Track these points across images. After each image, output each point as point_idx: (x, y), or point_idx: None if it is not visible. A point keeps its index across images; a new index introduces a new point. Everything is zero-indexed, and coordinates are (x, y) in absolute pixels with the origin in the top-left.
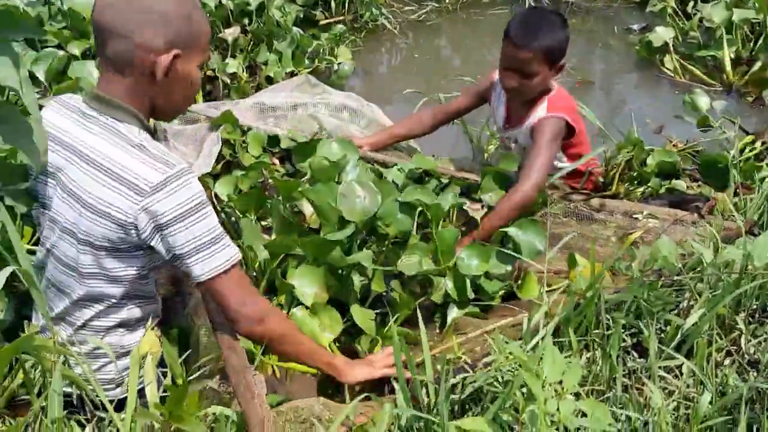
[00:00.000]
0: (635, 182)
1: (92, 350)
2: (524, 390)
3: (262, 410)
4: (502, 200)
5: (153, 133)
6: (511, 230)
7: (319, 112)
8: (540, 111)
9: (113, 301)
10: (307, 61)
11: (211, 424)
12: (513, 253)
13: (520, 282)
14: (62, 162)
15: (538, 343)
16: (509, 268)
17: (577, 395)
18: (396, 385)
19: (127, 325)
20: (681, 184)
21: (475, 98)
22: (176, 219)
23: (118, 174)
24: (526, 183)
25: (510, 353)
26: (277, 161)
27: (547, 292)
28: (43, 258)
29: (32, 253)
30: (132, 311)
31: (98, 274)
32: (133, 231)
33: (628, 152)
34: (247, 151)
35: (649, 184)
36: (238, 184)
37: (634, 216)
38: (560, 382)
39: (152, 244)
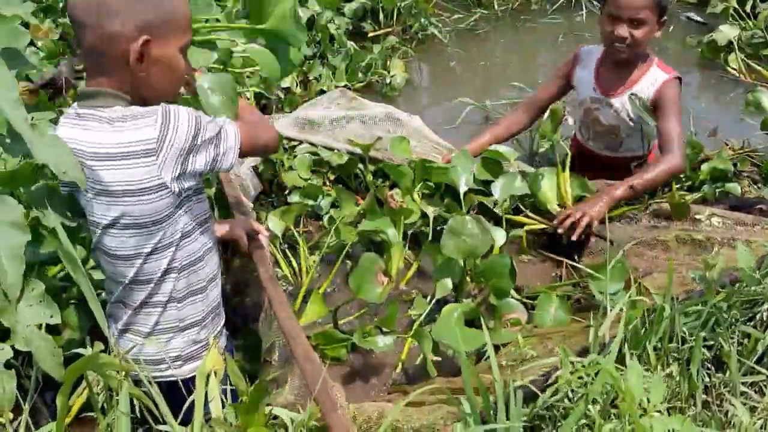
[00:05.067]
0: (686, 188)
1: (154, 328)
2: (597, 407)
3: (346, 420)
4: (654, 166)
5: None
6: None
7: (356, 124)
8: (657, 74)
9: (158, 276)
10: (360, 75)
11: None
12: None
13: None
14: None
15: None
16: None
17: (658, 412)
18: (465, 404)
19: (178, 298)
20: (735, 187)
21: (563, 80)
22: (190, 152)
23: (122, 152)
24: (677, 152)
25: (576, 368)
26: (329, 183)
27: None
28: (99, 258)
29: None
30: (179, 283)
31: (140, 254)
32: (165, 190)
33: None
34: (291, 169)
35: (703, 189)
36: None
37: (697, 217)
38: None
39: (187, 184)
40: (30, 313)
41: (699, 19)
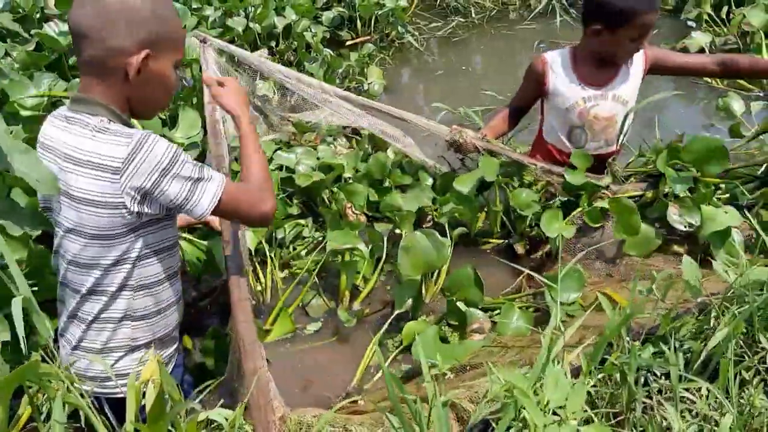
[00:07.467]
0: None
1: (105, 345)
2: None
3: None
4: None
5: (128, 125)
6: None
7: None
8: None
9: (113, 290)
10: (337, 82)
11: None
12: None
13: None
14: (55, 168)
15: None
16: None
17: (589, 420)
18: (393, 421)
19: (133, 317)
20: None
21: (537, 86)
22: (159, 179)
23: (90, 161)
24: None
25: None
26: (295, 204)
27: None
28: (57, 261)
29: None
30: (136, 302)
31: (97, 265)
32: (123, 210)
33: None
34: None
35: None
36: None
37: None
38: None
39: (148, 210)
40: None
41: (692, 24)
